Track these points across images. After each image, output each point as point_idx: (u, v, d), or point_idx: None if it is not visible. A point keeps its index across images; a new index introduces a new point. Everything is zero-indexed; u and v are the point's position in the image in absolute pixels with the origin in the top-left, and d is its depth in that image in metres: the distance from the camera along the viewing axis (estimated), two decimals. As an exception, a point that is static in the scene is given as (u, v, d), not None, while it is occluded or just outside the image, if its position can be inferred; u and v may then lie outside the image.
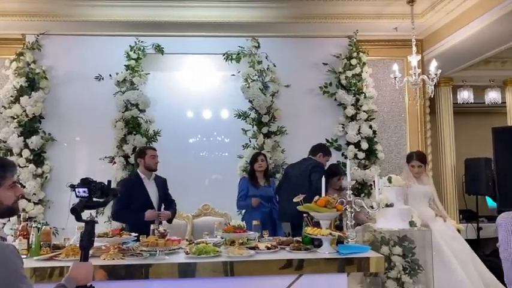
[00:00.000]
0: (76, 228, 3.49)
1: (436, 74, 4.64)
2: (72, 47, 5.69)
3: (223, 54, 5.64)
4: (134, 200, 4.07)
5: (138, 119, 5.42)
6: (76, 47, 5.69)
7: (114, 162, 5.36)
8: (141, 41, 5.59)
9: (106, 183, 2.15)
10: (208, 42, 5.74)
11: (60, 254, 2.99)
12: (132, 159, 5.25)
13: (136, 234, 3.28)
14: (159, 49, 5.62)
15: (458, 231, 5.19)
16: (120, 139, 5.36)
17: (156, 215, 4.08)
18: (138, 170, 4.34)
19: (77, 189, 2.07)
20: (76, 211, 2.00)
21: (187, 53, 5.79)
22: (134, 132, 5.34)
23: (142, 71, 5.56)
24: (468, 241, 4.65)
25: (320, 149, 4.83)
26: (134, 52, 5.55)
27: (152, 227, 3.44)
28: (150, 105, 5.50)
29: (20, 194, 1.94)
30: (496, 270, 3.78)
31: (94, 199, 2.10)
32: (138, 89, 5.46)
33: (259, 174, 4.82)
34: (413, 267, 3.55)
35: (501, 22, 4.55)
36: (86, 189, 2.06)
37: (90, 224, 2.05)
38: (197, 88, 5.84)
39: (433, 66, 4.70)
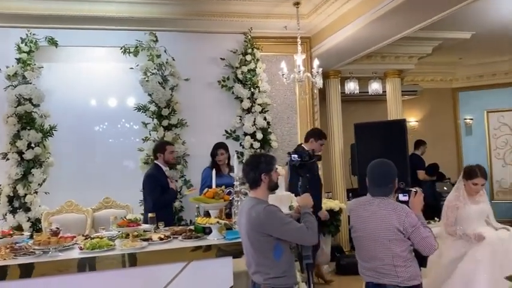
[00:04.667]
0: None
1: (317, 72, 5.16)
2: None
3: (121, 48, 5.67)
4: (164, 188, 4.74)
5: (32, 113, 5.29)
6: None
7: (8, 159, 5.22)
8: (33, 34, 5.42)
9: (311, 152, 3.24)
10: (106, 35, 5.70)
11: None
12: (27, 155, 5.16)
13: (29, 233, 3.37)
14: (52, 42, 5.49)
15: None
16: (13, 135, 5.20)
17: (174, 185, 4.99)
18: (157, 162, 4.81)
19: (292, 155, 3.07)
20: (296, 167, 3.05)
21: (84, 46, 5.71)
22: (28, 128, 5.22)
23: (35, 64, 5.40)
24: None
25: (310, 135, 4.85)
26: (26, 45, 5.37)
27: None
28: (44, 99, 5.37)
29: (278, 176, 2.93)
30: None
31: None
32: (31, 83, 5.31)
33: (222, 164, 5.03)
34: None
35: (371, 26, 5.16)
36: (296, 155, 3.07)
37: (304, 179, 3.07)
38: (97, 80, 5.81)
39: (315, 64, 5.21)
